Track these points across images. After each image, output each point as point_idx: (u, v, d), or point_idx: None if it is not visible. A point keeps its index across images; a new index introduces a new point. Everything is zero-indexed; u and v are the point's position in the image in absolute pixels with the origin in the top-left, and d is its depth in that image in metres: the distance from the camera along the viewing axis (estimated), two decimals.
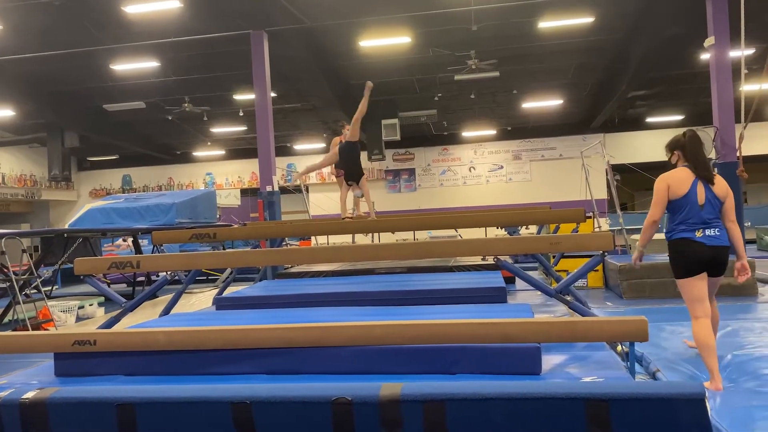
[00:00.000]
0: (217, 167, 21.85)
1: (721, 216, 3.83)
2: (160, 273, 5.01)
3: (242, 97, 15.27)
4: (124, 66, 13.00)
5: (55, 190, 20.58)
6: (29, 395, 2.24)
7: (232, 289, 5.70)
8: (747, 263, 3.87)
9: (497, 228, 7.39)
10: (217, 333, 2.87)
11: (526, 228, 9.64)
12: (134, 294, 9.32)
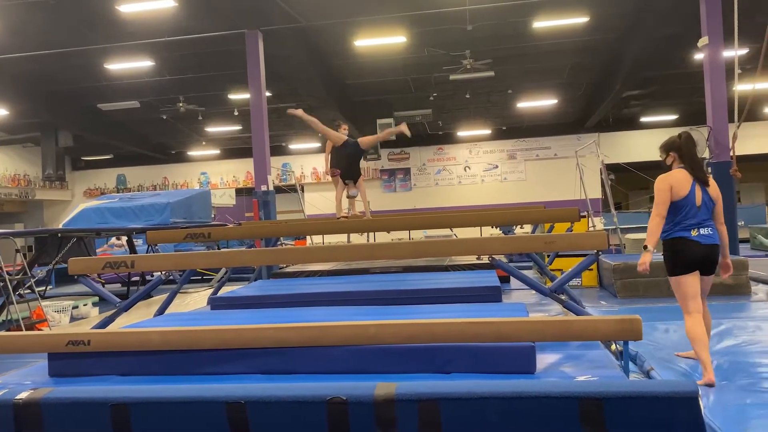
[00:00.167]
0: (212, 167, 21.82)
1: (712, 217, 3.91)
2: (155, 273, 5.00)
3: (237, 97, 15.24)
4: (119, 65, 12.96)
5: (49, 190, 20.49)
6: (23, 395, 2.23)
7: (227, 289, 5.69)
8: (730, 261, 4.01)
9: (492, 227, 7.39)
10: (212, 333, 2.86)
11: (521, 227, 9.67)
12: (129, 294, 9.28)
